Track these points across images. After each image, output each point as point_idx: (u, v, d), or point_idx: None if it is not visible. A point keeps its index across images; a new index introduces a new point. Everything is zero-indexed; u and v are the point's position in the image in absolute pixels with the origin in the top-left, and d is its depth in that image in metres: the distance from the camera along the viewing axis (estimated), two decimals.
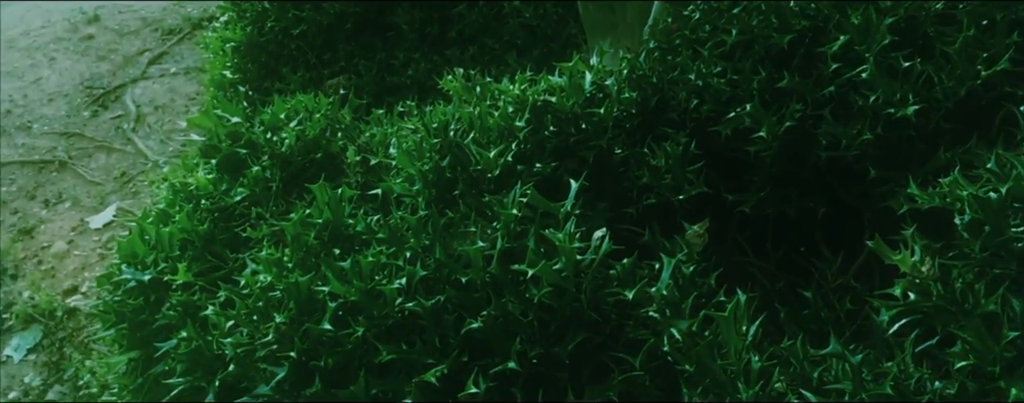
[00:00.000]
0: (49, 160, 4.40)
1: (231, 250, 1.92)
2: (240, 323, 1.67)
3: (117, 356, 1.90)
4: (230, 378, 1.65)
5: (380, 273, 1.59)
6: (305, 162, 2.01)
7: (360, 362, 1.51)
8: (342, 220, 1.73)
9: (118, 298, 1.95)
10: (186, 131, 4.55)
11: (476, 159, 1.77)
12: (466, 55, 3.11)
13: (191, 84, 5.10)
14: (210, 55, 3.50)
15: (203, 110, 2.16)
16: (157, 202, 2.09)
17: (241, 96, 2.35)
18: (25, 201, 4.10)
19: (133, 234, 1.97)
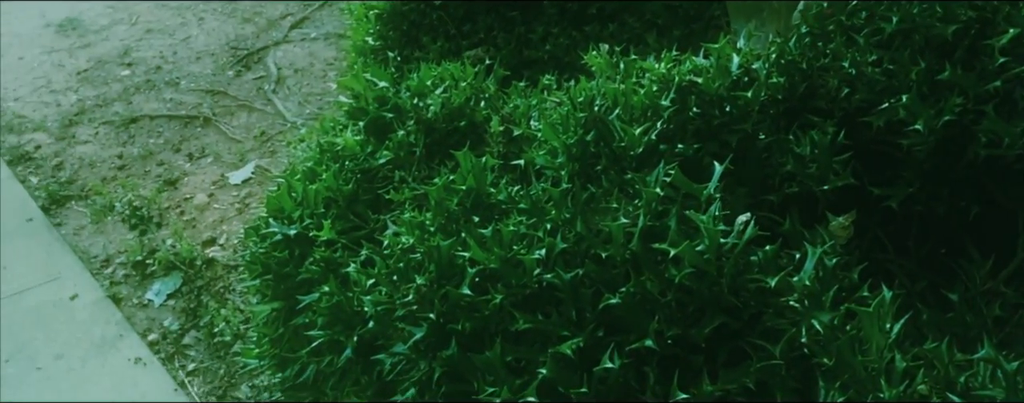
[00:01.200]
0: (194, 116, 4.60)
1: (373, 211, 1.98)
2: (380, 282, 1.71)
3: (261, 305, 1.98)
4: (368, 334, 1.70)
5: (519, 243, 1.61)
6: (448, 129, 2.04)
7: (496, 329, 1.54)
8: (484, 188, 1.76)
9: (263, 250, 2.04)
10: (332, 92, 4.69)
11: (620, 136, 1.77)
12: (606, 32, 3.10)
13: (330, 49, 5.24)
14: (353, 21, 3.58)
15: (353, 73, 2.22)
16: (305, 160, 2.16)
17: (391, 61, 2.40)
18: (171, 153, 4.29)
19: (281, 189, 2.04)
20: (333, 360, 1.78)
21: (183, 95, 4.82)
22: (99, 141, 4.43)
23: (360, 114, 2.16)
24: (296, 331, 1.91)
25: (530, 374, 1.47)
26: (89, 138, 4.46)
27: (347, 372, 1.77)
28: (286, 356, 1.94)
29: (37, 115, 4.67)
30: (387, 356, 1.63)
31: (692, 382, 1.42)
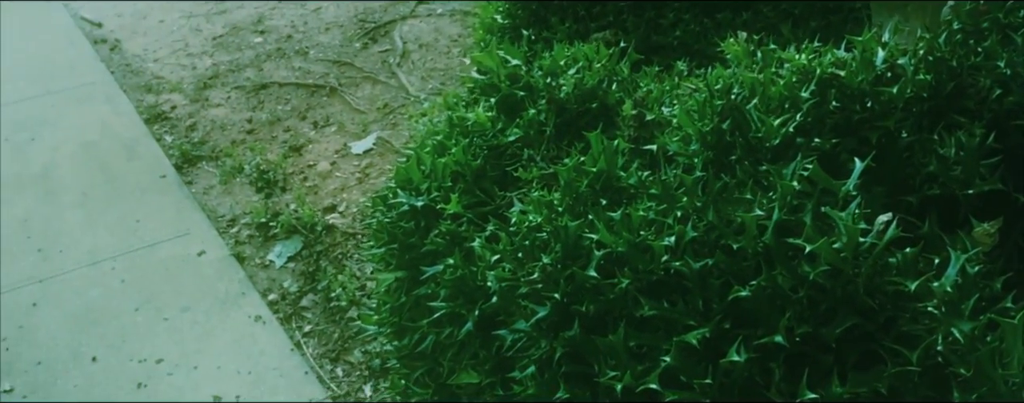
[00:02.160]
0: (321, 85, 4.71)
1: (499, 187, 1.99)
2: (504, 258, 1.72)
3: (385, 274, 2.02)
4: (490, 309, 1.72)
5: (648, 228, 1.60)
6: (579, 110, 2.04)
7: (620, 313, 1.53)
8: (615, 171, 1.74)
9: (389, 219, 2.07)
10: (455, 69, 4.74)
11: (757, 126, 1.73)
12: (738, 21, 3.04)
13: (455, 26, 5.29)
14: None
15: (486, 50, 2.23)
16: (435, 134, 2.19)
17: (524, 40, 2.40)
18: (297, 120, 4.41)
19: (411, 161, 2.08)
20: (453, 332, 1.80)
21: (311, 64, 4.95)
22: (230, 105, 4.59)
23: (491, 90, 2.17)
24: (417, 301, 1.94)
25: (652, 361, 1.46)
26: (221, 101, 4.62)
27: (466, 345, 1.80)
28: (406, 325, 1.98)
29: (174, 77, 4.87)
30: (508, 332, 1.64)
31: (820, 382, 1.39)
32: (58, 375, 2.92)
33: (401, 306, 2.01)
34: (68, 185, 3.89)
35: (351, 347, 3.04)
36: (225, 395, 2.83)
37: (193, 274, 3.35)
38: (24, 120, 4.41)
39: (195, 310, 3.17)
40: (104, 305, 3.21)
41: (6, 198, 3.82)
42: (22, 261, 3.45)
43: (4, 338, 3.08)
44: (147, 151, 4.14)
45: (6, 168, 4.03)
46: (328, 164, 4.05)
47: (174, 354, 2.99)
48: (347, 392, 2.87)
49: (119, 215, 3.69)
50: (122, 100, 4.58)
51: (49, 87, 4.70)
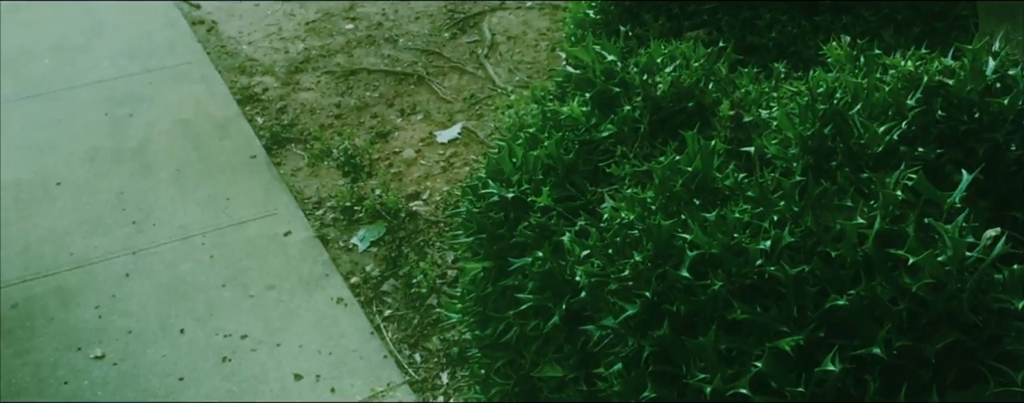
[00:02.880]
0: (409, 73, 4.76)
1: (590, 182, 1.98)
2: (594, 254, 1.72)
3: (472, 263, 2.04)
4: (577, 304, 1.72)
5: (743, 231, 1.58)
6: (675, 108, 2.02)
7: (711, 315, 1.52)
8: (710, 172, 1.72)
9: (478, 209, 2.08)
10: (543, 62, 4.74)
11: (860, 132, 1.69)
12: (838, 24, 2.97)
13: (543, 19, 5.29)
14: None
15: (582, 45, 2.23)
16: (528, 126, 2.19)
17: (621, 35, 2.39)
18: (384, 107, 4.47)
19: (502, 152, 2.08)
20: (539, 325, 1.80)
21: (400, 52, 5.00)
22: (320, 89, 4.66)
23: (586, 85, 2.17)
24: (503, 292, 1.95)
25: (743, 366, 1.44)
26: (311, 85, 4.70)
27: (551, 339, 1.80)
28: (490, 315, 1.99)
29: (267, 60, 4.97)
30: (596, 328, 1.64)
31: (917, 397, 1.36)
32: (147, 344, 3.02)
33: (486, 296, 2.02)
34: (163, 161, 4.01)
35: (430, 334, 3.07)
36: (306, 373, 2.89)
37: (279, 253, 3.42)
38: (124, 96, 4.55)
39: (279, 289, 3.24)
40: (193, 279, 3.30)
41: (104, 170, 3.95)
42: (117, 232, 3.57)
43: (98, 306, 3.19)
44: (239, 131, 4.23)
45: (106, 142, 4.17)
46: (413, 152, 4.09)
47: (258, 331, 3.06)
48: (424, 378, 2.90)
49: (210, 192, 3.78)
50: (217, 80, 4.70)
51: (148, 65, 4.85)
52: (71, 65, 4.87)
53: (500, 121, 4.17)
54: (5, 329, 3.11)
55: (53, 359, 2.97)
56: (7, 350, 3.02)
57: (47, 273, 3.35)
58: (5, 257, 3.45)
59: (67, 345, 3.03)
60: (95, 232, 3.57)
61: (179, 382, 2.87)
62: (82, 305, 3.20)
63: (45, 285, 3.30)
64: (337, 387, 2.84)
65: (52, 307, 3.20)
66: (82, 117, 4.38)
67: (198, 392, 2.83)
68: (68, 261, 3.42)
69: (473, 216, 2.06)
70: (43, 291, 3.27)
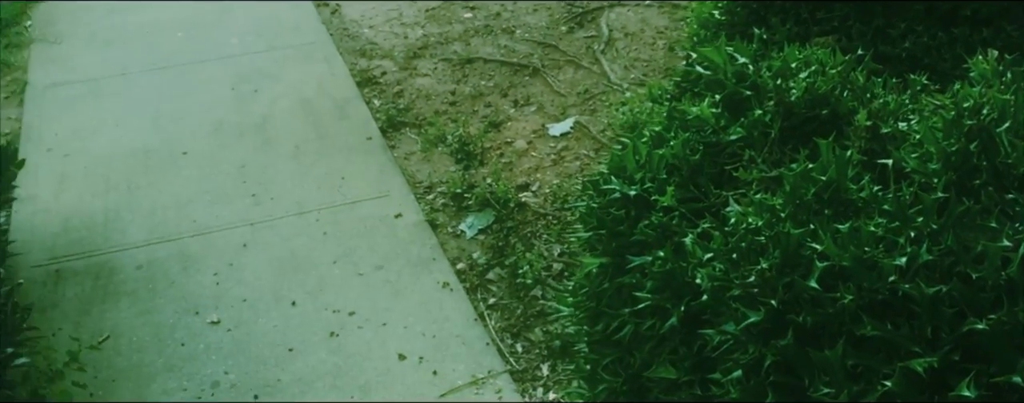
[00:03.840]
0: (524, 65, 4.77)
1: (715, 185, 1.96)
2: (717, 258, 1.70)
3: (589, 258, 2.04)
4: (696, 307, 1.70)
5: (877, 245, 1.54)
6: (808, 115, 1.98)
7: (839, 329, 1.49)
8: (844, 182, 1.69)
9: (598, 204, 2.08)
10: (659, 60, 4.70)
11: (1007, 151, 1.63)
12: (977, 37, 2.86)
13: (662, 17, 5.24)
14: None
15: (715, 45, 2.20)
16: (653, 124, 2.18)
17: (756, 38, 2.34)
18: (498, 97, 4.50)
19: (627, 149, 2.07)
20: (655, 325, 1.79)
21: (517, 43, 5.02)
22: (437, 76, 4.72)
23: (716, 87, 2.14)
24: (620, 289, 1.95)
25: (870, 383, 1.41)
26: (428, 72, 4.77)
27: (667, 340, 1.79)
28: (604, 311, 1.99)
29: (387, 44, 5.05)
30: (715, 333, 1.62)
31: None
32: (260, 313, 3.12)
33: (601, 292, 2.01)
34: (283, 137, 4.13)
35: (532, 325, 3.09)
36: (409, 354, 2.94)
37: (389, 235, 3.49)
38: (249, 72, 4.69)
39: (388, 269, 3.30)
40: (306, 254, 3.39)
41: (228, 143, 4.09)
42: (237, 203, 3.69)
43: (216, 273, 3.31)
44: (356, 112, 4.32)
45: (230, 115, 4.31)
46: (525, 143, 4.11)
47: (365, 308, 3.12)
48: (525, 368, 2.91)
49: (326, 170, 3.88)
50: (338, 62, 4.81)
51: (274, 43, 4.99)
52: (202, 40, 5.05)
53: (614, 118, 4.16)
54: (129, 289, 3.25)
55: (172, 321, 3.10)
56: (130, 309, 3.16)
57: (171, 238, 3.49)
58: (133, 220, 3.61)
59: (186, 308, 3.15)
60: (217, 202, 3.70)
61: (289, 352, 2.96)
62: (201, 271, 3.32)
63: (168, 249, 3.44)
64: (439, 370, 2.88)
65: (174, 271, 3.33)
66: (209, 90, 4.54)
67: (306, 364, 2.91)
68: (191, 228, 3.55)
69: (593, 211, 2.06)
70: (166, 255, 3.41)
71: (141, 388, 2.84)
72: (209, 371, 2.90)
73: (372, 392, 2.81)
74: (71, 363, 2.82)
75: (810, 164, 1.75)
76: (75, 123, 4.31)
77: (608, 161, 2.13)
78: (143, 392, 2.83)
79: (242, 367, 2.91)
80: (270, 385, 2.84)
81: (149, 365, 2.93)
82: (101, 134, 4.22)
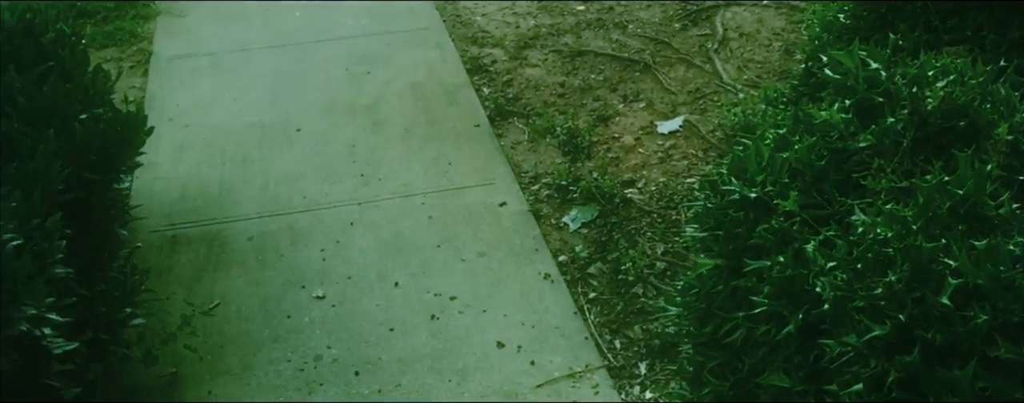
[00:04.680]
0: (635, 60, 4.74)
1: (839, 193, 1.91)
2: (840, 267, 1.66)
3: (704, 259, 2.01)
4: (815, 316, 1.67)
5: (1014, 265, 1.48)
6: (944, 126, 1.91)
7: (970, 349, 1.43)
8: (982, 198, 1.63)
9: (714, 205, 2.05)
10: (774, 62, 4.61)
11: None
12: None
13: (779, 19, 5.13)
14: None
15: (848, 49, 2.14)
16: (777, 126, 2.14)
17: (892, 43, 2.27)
18: (607, 91, 4.47)
19: (749, 150, 2.04)
20: (770, 331, 1.76)
21: (628, 38, 4.98)
22: (546, 67, 4.72)
23: (846, 92, 2.08)
24: (734, 292, 1.92)
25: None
26: (538, 62, 4.77)
27: (781, 347, 1.76)
28: (715, 313, 1.96)
29: (498, 32, 5.08)
30: (835, 344, 1.59)
31: None
32: (364, 292, 3.17)
33: (713, 294, 1.99)
34: (393, 119, 4.19)
35: (632, 322, 3.07)
36: (508, 342, 2.95)
37: (493, 222, 3.51)
38: (363, 54, 4.77)
39: (490, 257, 3.33)
40: (411, 236, 3.44)
41: (340, 122, 4.17)
42: (346, 182, 3.76)
43: (323, 249, 3.39)
44: (466, 99, 4.36)
45: (343, 95, 4.40)
46: (632, 139, 4.08)
47: (467, 294, 3.15)
48: (623, 365, 2.90)
49: (434, 155, 3.92)
50: (449, 48, 4.85)
51: (388, 27, 5.06)
52: (319, 21, 5.15)
53: (725, 118, 4.09)
54: (240, 259, 3.35)
55: (279, 293, 3.18)
56: (240, 278, 3.26)
57: (281, 212, 3.59)
58: (246, 193, 3.71)
59: (293, 282, 3.23)
60: (327, 179, 3.78)
61: (390, 332, 3.00)
62: (309, 246, 3.40)
63: (278, 223, 3.53)
64: (537, 360, 2.89)
65: (283, 244, 3.42)
66: (324, 70, 4.63)
67: (406, 344, 2.95)
68: (301, 203, 3.64)
69: (710, 211, 2.03)
70: (276, 228, 3.50)
71: (247, 356, 2.92)
72: (312, 344, 2.97)
73: (470, 377, 2.83)
74: (184, 327, 2.93)
75: (946, 177, 1.69)
76: (196, 95, 4.46)
77: (728, 161, 2.10)
78: (249, 360, 2.91)
79: (344, 343, 2.97)
80: (370, 363, 2.89)
81: (256, 334, 3.01)
82: (220, 107, 4.35)
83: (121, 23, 5.20)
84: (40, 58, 2.84)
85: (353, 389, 2.80)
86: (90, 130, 2.69)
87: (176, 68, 4.72)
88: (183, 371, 2.88)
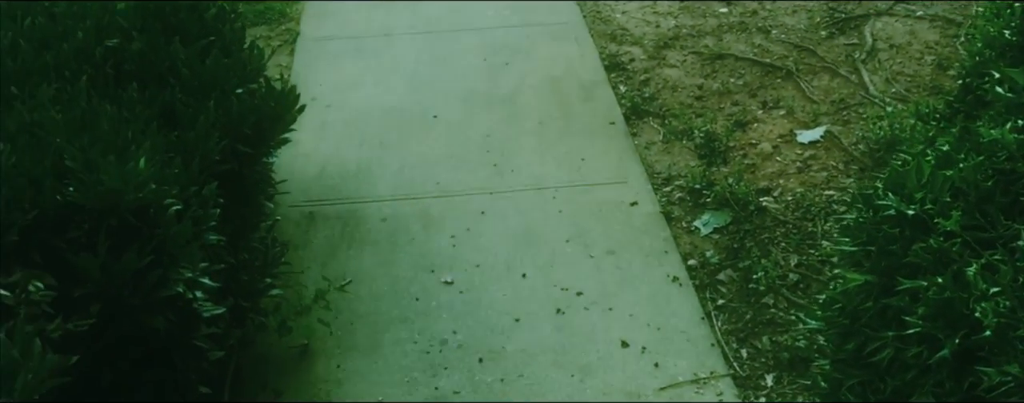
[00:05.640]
0: (778, 66, 4.63)
1: (1005, 216, 1.82)
2: (1004, 293, 1.59)
3: (854, 274, 1.95)
4: (973, 341, 1.60)
5: None
6: None
7: None
8: None
9: (866, 219, 1.99)
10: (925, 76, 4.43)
11: None
12: None
13: (932, 32, 4.93)
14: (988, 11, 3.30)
15: (1021, 67, 2.04)
16: (940, 143, 2.05)
17: None
18: (746, 97, 4.39)
19: (909, 166, 1.97)
20: (921, 353, 1.70)
21: (771, 44, 4.87)
22: (685, 68, 4.66)
23: (1018, 111, 1.99)
24: (884, 310, 1.85)
25: None
26: (677, 63, 4.71)
27: (932, 371, 1.69)
28: (862, 330, 1.90)
29: (637, 31, 5.04)
30: (995, 372, 1.52)
31: None
32: (491, 281, 3.21)
33: (860, 310, 1.93)
34: (529, 112, 4.21)
35: (760, 332, 3.00)
36: (632, 343, 2.94)
37: (623, 221, 3.49)
38: (502, 45, 4.82)
39: (619, 255, 3.31)
40: (540, 229, 3.45)
41: (476, 112, 4.22)
42: (479, 171, 3.80)
43: (453, 236, 3.43)
44: (602, 96, 4.35)
45: (481, 85, 4.45)
46: (770, 146, 3.99)
47: (593, 291, 3.14)
48: (749, 375, 2.84)
49: (567, 150, 3.92)
50: (588, 44, 4.84)
51: (528, 19, 5.09)
52: (460, 10, 5.22)
53: (870, 131, 3.96)
54: (373, 239, 3.43)
55: (409, 275, 3.24)
56: (372, 258, 3.34)
57: (415, 196, 3.65)
58: (382, 175, 3.80)
59: (423, 266, 3.29)
60: (460, 167, 3.83)
61: (515, 322, 3.03)
62: (440, 232, 3.45)
63: (411, 207, 3.60)
64: (661, 363, 2.86)
65: (415, 228, 3.48)
66: (463, 59, 4.70)
67: (531, 336, 2.97)
68: (434, 189, 3.70)
69: (863, 226, 1.97)
70: (409, 212, 3.57)
71: (376, 335, 2.99)
72: (439, 328, 3.01)
73: (592, 374, 2.83)
74: (318, 300, 3.01)
75: None
76: (338, 76, 4.58)
77: (886, 176, 2.03)
78: (377, 339, 2.98)
79: (470, 329, 3.00)
80: (494, 351, 2.92)
81: (384, 314, 3.08)
82: (361, 89, 4.46)
83: (271, 3, 5.39)
84: (202, 32, 2.96)
85: (476, 376, 2.83)
86: (246, 104, 2.79)
87: (321, 49, 4.86)
88: (314, 344, 2.97)
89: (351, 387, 2.82)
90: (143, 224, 2.00)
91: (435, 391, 2.80)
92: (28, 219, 1.87)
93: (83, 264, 1.87)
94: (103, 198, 1.94)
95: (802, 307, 3.03)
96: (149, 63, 2.68)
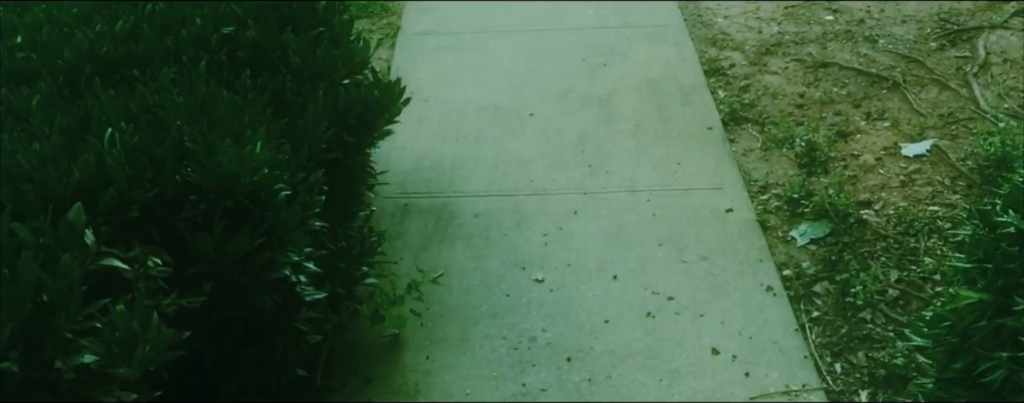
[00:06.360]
0: (883, 77, 4.51)
1: None
2: None
3: (967, 291, 1.89)
4: None
5: None
6: None
7: None
8: None
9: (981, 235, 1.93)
10: None
11: None
12: None
13: None
14: None
15: None
16: None
17: None
18: (849, 107, 4.29)
19: None
20: None
21: (878, 54, 4.75)
22: (786, 75, 4.58)
23: None
24: (998, 330, 1.79)
25: None
26: (778, 70, 4.63)
27: None
28: (974, 349, 1.84)
29: (739, 36, 4.97)
30: None
31: None
32: (582, 281, 3.20)
33: (973, 329, 1.87)
34: (625, 114, 4.19)
35: (856, 348, 2.93)
36: (723, 350, 2.90)
37: (717, 228, 3.45)
38: (601, 46, 4.81)
39: (712, 262, 3.27)
40: (633, 231, 3.44)
41: (572, 111, 4.22)
42: (574, 170, 3.80)
43: (545, 234, 3.44)
44: (700, 100, 4.30)
45: (578, 85, 4.44)
46: (873, 158, 3.89)
47: (685, 296, 3.11)
48: (842, 390, 2.78)
49: (663, 153, 3.89)
50: (688, 47, 4.80)
51: (628, 20, 5.07)
52: (560, 9, 5.23)
53: (980, 147, 3.83)
54: (466, 233, 3.46)
55: (500, 271, 3.26)
56: (464, 252, 3.36)
57: (508, 193, 3.67)
58: (476, 171, 3.83)
59: (514, 262, 3.30)
60: (554, 166, 3.83)
61: (604, 324, 3.02)
62: (532, 229, 3.46)
63: (505, 203, 3.61)
64: (751, 372, 2.82)
65: (507, 225, 3.50)
66: (561, 58, 4.70)
67: (620, 338, 2.95)
68: (527, 187, 3.71)
69: (979, 242, 1.91)
70: (502, 208, 3.58)
71: (466, 328, 3.02)
72: (528, 325, 3.02)
73: (681, 379, 2.80)
74: (411, 291, 3.05)
75: None
76: (437, 72, 4.63)
77: (1006, 191, 1.96)
78: (467, 332, 3.00)
79: (559, 328, 3.01)
80: (583, 351, 2.91)
81: (475, 308, 3.10)
82: (458, 85, 4.50)
83: None
84: (313, 23, 3.03)
85: (564, 375, 2.83)
86: (353, 95, 2.84)
87: (421, 44, 4.92)
88: (405, 334, 3.00)
89: (439, 379, 2.85)
90: (255, 207, 2.06)
91: (522, 387, 2.81)
92: (149, 197, 1.94)
93: (198, 243, 1.93)
94: (220, 180, 2.00)
95: (902, 324, 2.95)
96: (262, 51, 2.75)
